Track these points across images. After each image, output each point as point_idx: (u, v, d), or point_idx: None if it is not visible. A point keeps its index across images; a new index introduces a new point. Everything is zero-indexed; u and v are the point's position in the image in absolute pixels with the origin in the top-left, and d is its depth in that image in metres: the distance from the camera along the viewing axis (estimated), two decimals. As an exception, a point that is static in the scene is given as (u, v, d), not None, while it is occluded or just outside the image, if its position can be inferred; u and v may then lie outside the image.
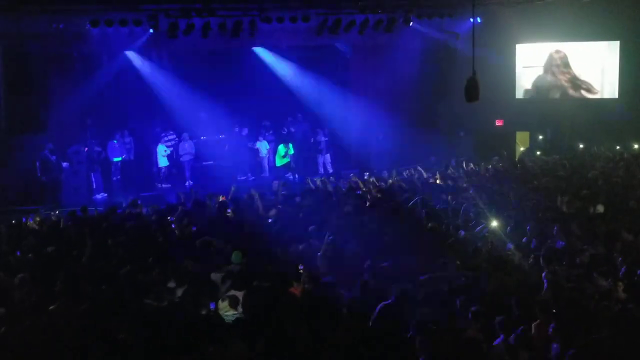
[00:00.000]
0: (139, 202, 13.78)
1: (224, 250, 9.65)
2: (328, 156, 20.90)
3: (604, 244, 9.38)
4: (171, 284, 8.31)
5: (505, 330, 6.58)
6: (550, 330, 6.50)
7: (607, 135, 20.33)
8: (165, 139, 19.71)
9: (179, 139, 19.71)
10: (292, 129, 21.18)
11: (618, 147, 19.43)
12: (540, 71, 22.65)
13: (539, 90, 22.72)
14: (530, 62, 22.72)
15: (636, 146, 19.60)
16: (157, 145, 19.41)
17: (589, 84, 22.09)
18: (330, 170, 20.14)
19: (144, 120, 20.02)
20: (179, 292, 8.03)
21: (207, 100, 20.07)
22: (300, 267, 8.78)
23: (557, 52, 22.30)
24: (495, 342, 6.59)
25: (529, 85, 22.81)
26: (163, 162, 19.37)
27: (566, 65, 22.26)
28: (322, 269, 8.93)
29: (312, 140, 20.92)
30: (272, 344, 6.46)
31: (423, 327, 6.56)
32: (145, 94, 19.37)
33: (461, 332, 6.65)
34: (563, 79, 22.37)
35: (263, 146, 20.36)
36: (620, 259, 8.71)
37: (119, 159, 18.95)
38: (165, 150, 19.35)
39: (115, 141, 18.88)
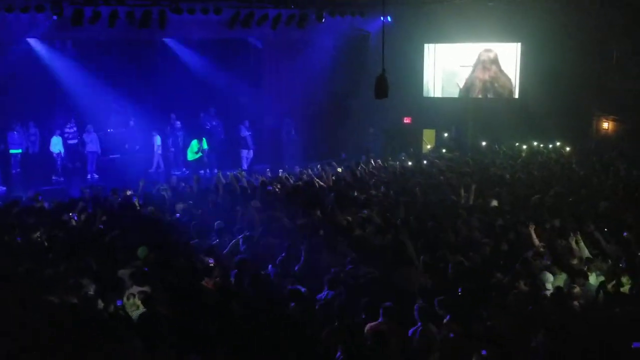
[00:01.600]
0: (40, 197, 13.25)
1: (130, 245, 9.44)
2: (251, 152, 20.70)
3: (501, 237, 9.81)
4: (78, 281, 8.08)
5: (422, 319, 6.78)
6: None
7: (507, 134, 21.25)
8: (65, 130, 19.05)
9: (83, 130, 19.08)
10: (214, 123, 20.94)
11: (517, 144, 20.34)
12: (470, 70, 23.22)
13: (467, 89, 23.27)
14: (463, 61, 23.20)
15: (535, 143, 20.58)
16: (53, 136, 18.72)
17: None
18: (245, 167, 19.95)
19: (46, 110, 19.27)
20: (86, 289, 7.81)
21: (114, 92, 19.55)
22: (210, 261, 8.73)
23: (487, 51, 22.90)
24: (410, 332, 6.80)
25: (461, 84, 23.29)
26: (56, 153, 18.68)
27: (493, 62, 22.89)
28: (230, 264, 8.93)
29: (222, 136, 20.80)
30: (185, 338, 6.44)
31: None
32: (48, 83, 18.64)
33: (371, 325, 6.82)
34: (487, 78, 23.03)
35: (156, 141, 19.89)
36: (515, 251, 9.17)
37: (19, 151, 18.16)
38: (59, 143, 18.65)
39: (15, 132, 18.07)
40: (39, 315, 6.78)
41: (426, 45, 23.38)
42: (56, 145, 18.58)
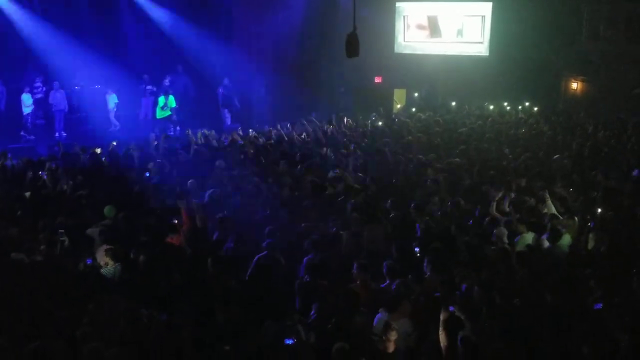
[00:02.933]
0: (9, 155, 13.00)
1: (98, 204, 9.38)
2: (226, 110, 20.57)
3: (467, 196, 9.94)
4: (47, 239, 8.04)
5: (391, 276, 6.89)
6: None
7: (477, 94, 21.34)
8: (34, 86, 18.67)
9: (50, 87, 18.69)
10: (180, 80, 20.62)
11: (487, 104, 20.48)
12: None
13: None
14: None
15: (505, 104, 20.71)
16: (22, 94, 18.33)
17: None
18: (228, 124, 19.88)
19: (12, 67, 18.84)
20: (55, 247, 7.79)
21: (81, 47, 19.12)
22: (174, 220, 8.72)
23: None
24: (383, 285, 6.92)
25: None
26: (27, 111, 18.30)
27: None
28: (200, 222, 8.95)
29: (192, 94, 20.56)
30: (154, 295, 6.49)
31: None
32: (13, 39, 18.20)
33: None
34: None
35: (111, 99, 19.44)
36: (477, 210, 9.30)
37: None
38: (30, 100, 18.25)
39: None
40: (7, 273, 6.77)
41: (398, 4, 23.22)
42: (26, 104, 18.20)
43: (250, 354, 5.66)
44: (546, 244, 8.24)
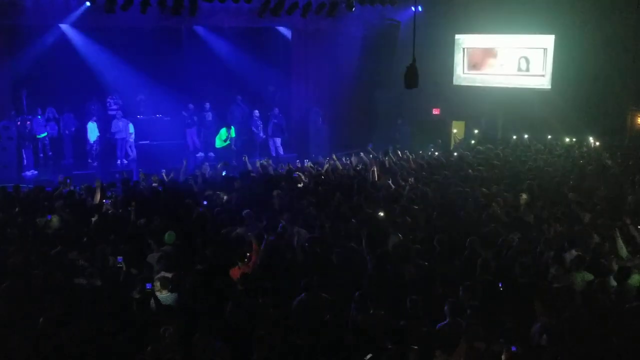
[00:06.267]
0: (68, 181, 13.38)
1: (158, 230, 9.48)
2: (278, 140, 20.75)
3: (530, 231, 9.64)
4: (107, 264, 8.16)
5: (451, 314, 6.73)
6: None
7: (539, 127, 20.92)
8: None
9: (113, 115, 19.35)
10: (241, 110, 20.97)
11: (550, 137, 20.04)
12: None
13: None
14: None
15: (567, 139, 20.22)
16: (88, 121, 18.98)
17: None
18: (282, 154, 20.09)
19: (79, 96, 19.50)
20: (115, 272, 7.89)
21: (144, 78, 19.68)
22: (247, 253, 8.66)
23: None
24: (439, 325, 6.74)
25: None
26: (93, 137, 18.92)
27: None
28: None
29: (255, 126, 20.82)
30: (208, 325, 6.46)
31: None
32: (80, 69, 18.85)
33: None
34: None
35: (129, 128, 19.57)
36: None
37: (44, 134, 18.52)
38: (95, 129, 18.88)
39: (39, 117, 18.42)
40: (68, 296, 6.87)
41: (457, 36, 23.11)
42: (92, 132, 18.77)
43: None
44: (613, 283, 7.89)
